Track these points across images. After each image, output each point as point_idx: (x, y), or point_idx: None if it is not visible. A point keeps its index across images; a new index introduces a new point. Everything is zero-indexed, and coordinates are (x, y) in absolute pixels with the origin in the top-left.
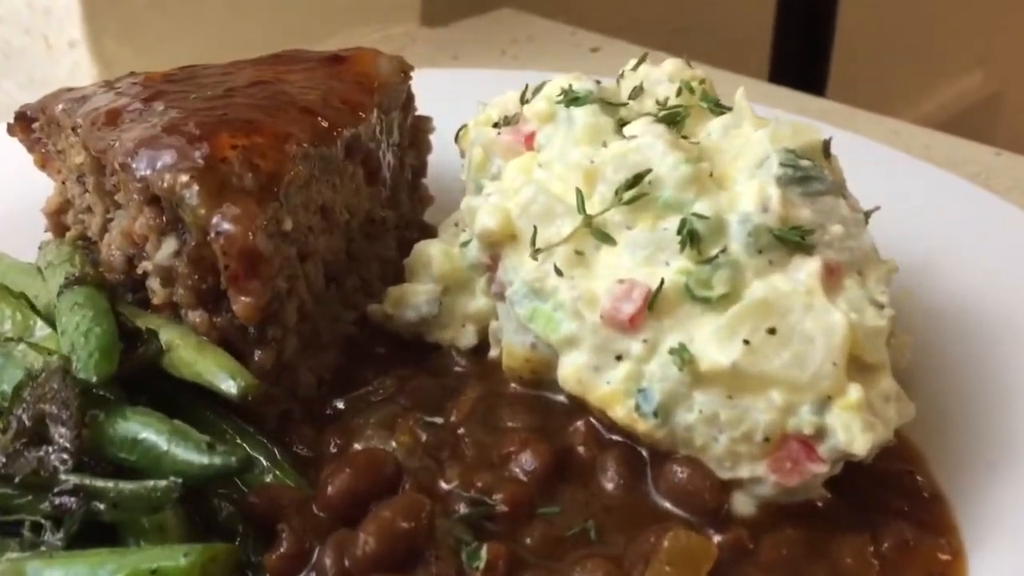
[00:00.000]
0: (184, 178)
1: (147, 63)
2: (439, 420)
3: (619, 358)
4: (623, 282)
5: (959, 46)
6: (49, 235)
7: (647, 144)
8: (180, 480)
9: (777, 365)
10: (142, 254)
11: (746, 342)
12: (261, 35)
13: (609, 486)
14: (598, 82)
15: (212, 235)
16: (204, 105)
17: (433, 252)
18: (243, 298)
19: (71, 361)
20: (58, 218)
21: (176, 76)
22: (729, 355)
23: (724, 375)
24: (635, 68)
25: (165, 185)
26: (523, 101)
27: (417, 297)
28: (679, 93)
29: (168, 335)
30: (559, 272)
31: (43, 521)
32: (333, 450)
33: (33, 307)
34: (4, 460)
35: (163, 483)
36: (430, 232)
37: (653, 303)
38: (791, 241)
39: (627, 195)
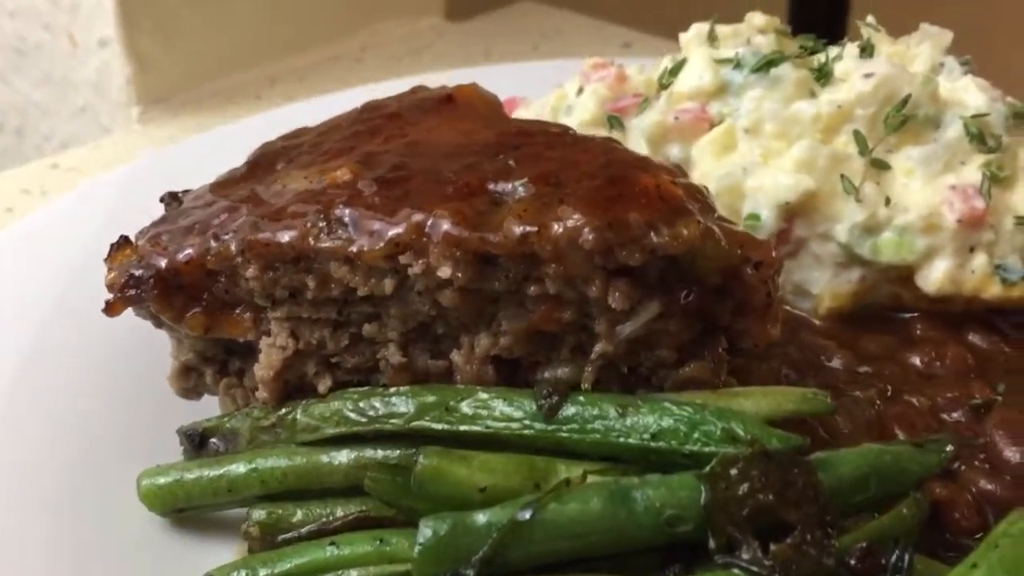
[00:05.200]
0: (694, 229)
1: (179, 60)
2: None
3: (972, 249)
4: (955, 188)
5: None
6: None
7: (894, 74)
8: None
9: None
10: (565, 341)
11: None
12: (290, 30)
13: None
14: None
15: (750, 269)
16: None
17: None
18: (769, 325)
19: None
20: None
21: (390, 176)
22: None
23: None
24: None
25: (679, 243)
26: (662, 86)
27: None
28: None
29: None
30: (888, 202)
31: None
32: None
33: None
34: (778, 568)
35: None
36: None
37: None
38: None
39: (894, 122)
